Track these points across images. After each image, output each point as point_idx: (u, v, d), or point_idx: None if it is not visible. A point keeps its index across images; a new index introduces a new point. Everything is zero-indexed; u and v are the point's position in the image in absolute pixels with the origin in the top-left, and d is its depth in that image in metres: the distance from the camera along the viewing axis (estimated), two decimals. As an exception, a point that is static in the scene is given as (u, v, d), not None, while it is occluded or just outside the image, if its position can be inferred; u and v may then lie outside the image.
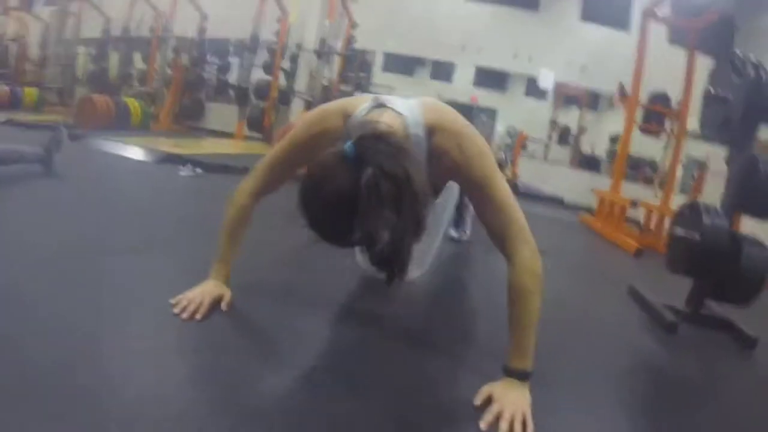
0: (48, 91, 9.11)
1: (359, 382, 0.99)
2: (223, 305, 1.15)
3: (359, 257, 1.60)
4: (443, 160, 1.01)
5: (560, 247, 3.44)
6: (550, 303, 1.01)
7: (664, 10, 4.82)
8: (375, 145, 0.83)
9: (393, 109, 1.02)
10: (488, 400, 0.94)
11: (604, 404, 1.10)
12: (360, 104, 1.07)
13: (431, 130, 1.01)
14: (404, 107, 1.03)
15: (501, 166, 3.90)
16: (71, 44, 9.60)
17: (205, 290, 1.15)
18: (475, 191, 1.02)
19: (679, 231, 1.91)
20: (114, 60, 8.56)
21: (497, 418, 0.90)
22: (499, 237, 1.01)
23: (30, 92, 8.53)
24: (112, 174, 3.09)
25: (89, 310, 1.06)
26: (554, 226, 4.55)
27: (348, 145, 0.84)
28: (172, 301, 1.11)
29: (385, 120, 0.99)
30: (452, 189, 1.47)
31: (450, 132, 1.00)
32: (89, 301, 1.10)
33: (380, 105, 1.05)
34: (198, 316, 1.08)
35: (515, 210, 1.01)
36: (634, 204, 4.03)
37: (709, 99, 1.96)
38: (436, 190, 1.24)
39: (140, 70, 8.30)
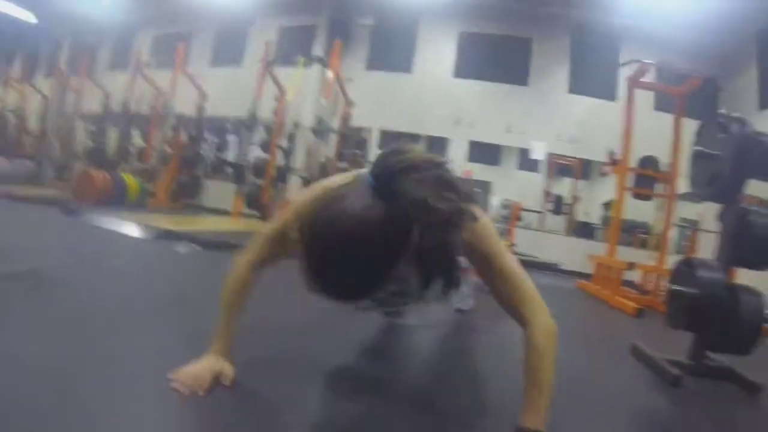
0: (45, 165, 9.19)
1: None
2: (226, 381, 1.13)
3: None
4: None
5: (561, 312, 3.40)
6: (557, 370, 1.03)
7: (649, 78, 5.04)
8: (396, 172, 0.79)
9: None
10: None
11: None
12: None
13: None
14: None
15: None
16: (70, 118, 9.76)
17: (206, 365, 1.13)
18: (485, 266, 1.05)
19: (677, 287, 1.94)
20: (112, 136, 8.68)
21: None
22: (512, 305, 1.04)
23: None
24: (109, 250, 3.08)
25: (89, 385, 1.05)
26: (553, 293, 4.54)
27: (368, 177, 0.81)
28: (171, 376, 1.09)
29: None
30: None
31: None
32: (89, 375, 1.10)
33: None
34: (201, 393, 1.06)
35: (524, 279, 1.05)
36: (630, 266, 4.06)
37: (697, 157, 2.02)
38: None
39: (138, 146, 8.39)
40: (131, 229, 3.84)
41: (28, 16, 10.84)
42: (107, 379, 1.11)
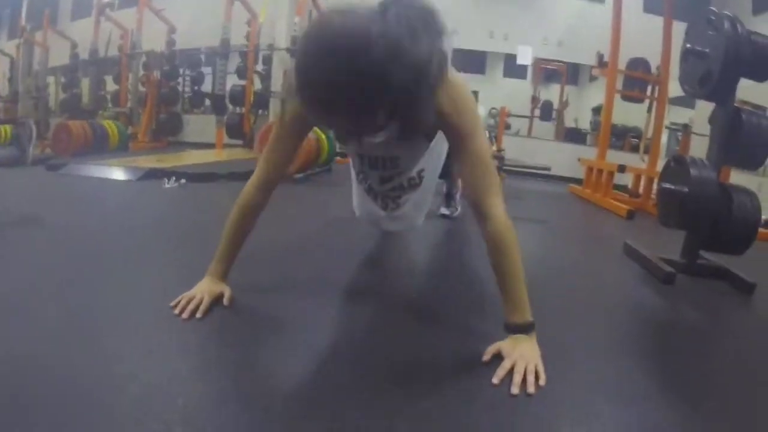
0: (22, 126, 8.96)
1: (367, 361, 0.96)
2: (225, 300, 1.13)
3: (356, 203, 1.62)
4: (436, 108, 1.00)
5: (554, 216, 3.52)
6: (551, 268, 1.12)
7: None
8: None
9: None
10: (498, 357, 0.94)
11: (611, 353, 1.11)
12: None
13: None
14: None
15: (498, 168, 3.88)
16: (41, 75, 9.42)
17: (204, 288, 1.13)
18: (458, 144, 1.03)
19: (668, 185, 1.91)
20: (85, 85, 8.40)
21: (509, 373, 0.89)
22: (477, 189, 1.01)
23: (4, 129, 8.38)
24: (95, 196, 3.02)
25: (88, 315, 1.06)
26: (545, 199, 4.62)
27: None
28: (172, 303, 1.09)
29: None
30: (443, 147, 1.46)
31: (449, 83, 0.97)
32: (88, 307, 1.10)
33: None
34: (198, 315, 1.06)
35: (492, 167, 1.04)
36: (621, 169, 4.04)
37: (687, 54, 1.95)
38: (429, 136, 1.27)
39: (113, 91, 8.13)
40: (116, 172, 3.73)
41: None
42: (107, 309, 1.11)
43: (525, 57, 7.37)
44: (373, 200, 1.52)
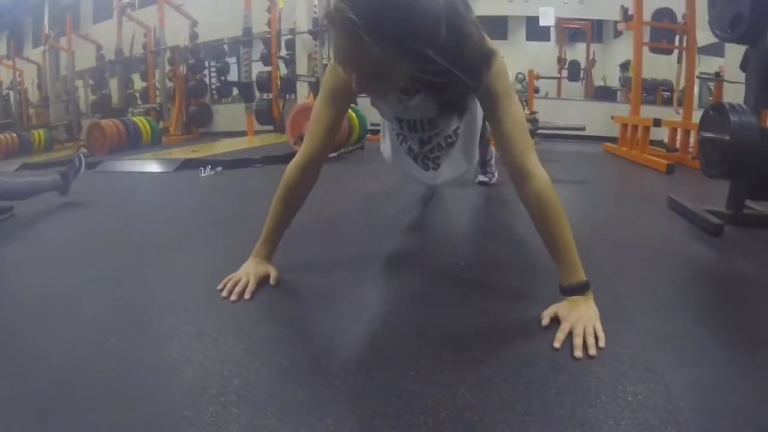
0: (55, 129, 9.24)
1: (421, 332, 0.95)
2: (272, 280, 1.14)
3: (389, 156, 1.64)
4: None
5: (592, 176, 3.45)
6: (596, 226, 1.09)
7: None
8: None
9: None
10: (555, 321, 0.93)
11: (668, 309, 1.07)
12: None
13: None
14: None
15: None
16: (69, 79, 9.67)
17: (250, 270, 1.14)
18: (494, 106, 1.00)
19: (708, 134, 1.86)
20: (114, 85, 8.60)
21: (569, 336, 0.88)
22: (516, 150, 1.00)
23: (38, 134, 8.68)
24: (134, 188, 3.13)
25: (140, 302, 1.11)
26: (581, 159, 4.55)
27: None
28: (219, 287, 1.11)
29: None
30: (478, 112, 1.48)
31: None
32: (139, 293, 1.16)
33: None
34: (246, 296, 1.07)
35: (527, 129, 1.04)
36: (656, 123, 3.92)
37: None
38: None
39: (141, 88, 8.32)
40: (152, 165, 3.85)
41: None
42: (158, 295, 1.16)
43: (547, 18, 7.20)
44: (414, 161, 1.53)
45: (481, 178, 2.54)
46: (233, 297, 1.07)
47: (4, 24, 13.00)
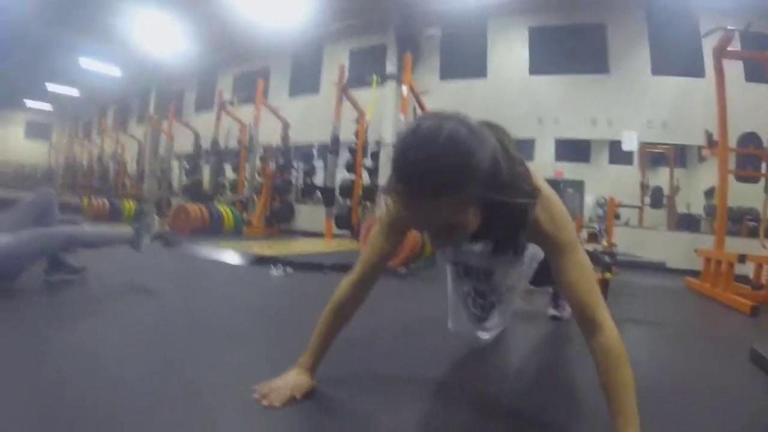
0: (146, 203, 10.01)
1: None
2: (298, 394, 1.16)
3: (454, 313, 1.60)
4: (534, 225, 1.02)
5: (669, 316, 3.26)
6: (667, 379, 1.00)
7: (735, 47, 4.63)
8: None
9: None
10: None
11: None
12: None
13: None
14: None
15: (596, 237, 3.72)
16: (165, 159, 10.58)
17: (288, 380, 1.19)
18: (559, 257, 1.02)
19: None
20: (206, 172, 9.29)
21: None
22: (584, 302, 0.99)
23: (128, 205, 9.42)
24: (205, 276, 3.28)
25: (184, 395, 1.18)
26: (659, 294, 4.32)
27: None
28: (255, 387, 1.17)
29: None
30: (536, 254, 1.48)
31: (543, 197, 1.02)
32: (185, 386, 1.23)
33: None
34: (276, 404, 1.11)
35: (594, 278, 1.03)
36: (741, 259, 3.68)
37: None
38: (520, 250, 1.25)
39: (231, 179, 8.93)
40: (227, 255, 4.05)
41: (113, 71, 11.93)
42: (200, 386, 1.25)
43: (630, 143, 7.19)
44: (465, 309, 1.53)
45: (552, 312, 2.44)
46: (264, 402, 1.12)
47: (113, 99, 14.63)
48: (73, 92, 14.52)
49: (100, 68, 11.65)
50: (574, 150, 7.81)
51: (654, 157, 7.66)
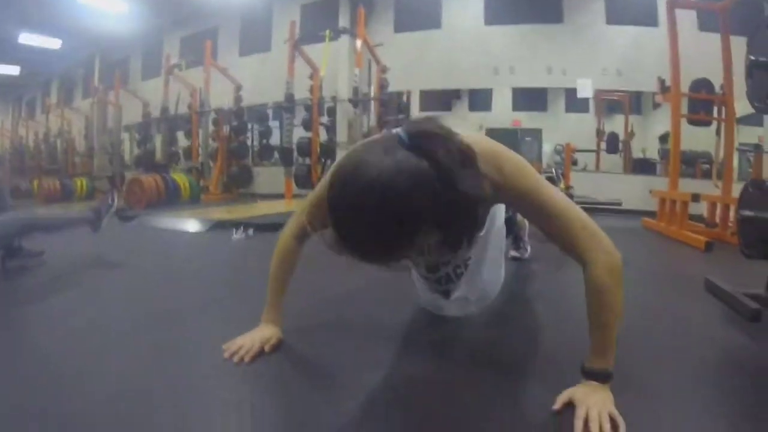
0: (98, 180, 9.55)
1: (427, 411, 0.95)
2: (266, 347, 1.20)
3: (419, 286, 1.55)
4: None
5: (628, 253, 3.29)
6: (629, 308, 0.97)
7: None
8: (431, 137, 0.77)
9: None
10: (569, 405, 0.91)
11: (696, 401, 1.03)
12: None
13: None
14: None
15: (554, 182, 3.78)
16: (115, 132, 10.09)
17: (255, 335, 1.22)
18: (525, 206, 0.98)
19: (747, 212, 1.79)
20: (158, 141, 8.91)
21: (585, 422, 0.86)
22: (566, 242, 0.95)
23: (81, 183, 8.98)
24: (165, 246, 3.22)
25: (155, 362, 1.19)
26: (618, 235, 4.31)
27: (401, 133, 0.76)
28: (225, 345, 1.20)
29: None
30: (496, 215, 1.40)
31: (485, 155, 0.93)
32: (153, 350, 1.26)
33: None
34: (246, 359, 1.15)
35: (573, 211, 0.96)
36: (695, 198, 3.83)
37: (753, 68, 1.83)
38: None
39: (185, 146, 8.59)
40: (186, 224, 3.95)
41: (53, 43, 11.20)
42: (168, 349, 1.28)
43: (585, 90, 7.25)
44: (428, 287, 1.46)
45: (513, 253, 2.50)
46: (235, 359, 1.15)
47: (55, 73, 13.80)
48: (13, 70, 13.60)
49: (40, 42, 10.90)
50: (530, 99, 7.85)
51: (609, 104, 7.76)
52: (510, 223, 1.91)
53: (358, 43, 6.73)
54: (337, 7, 8.24)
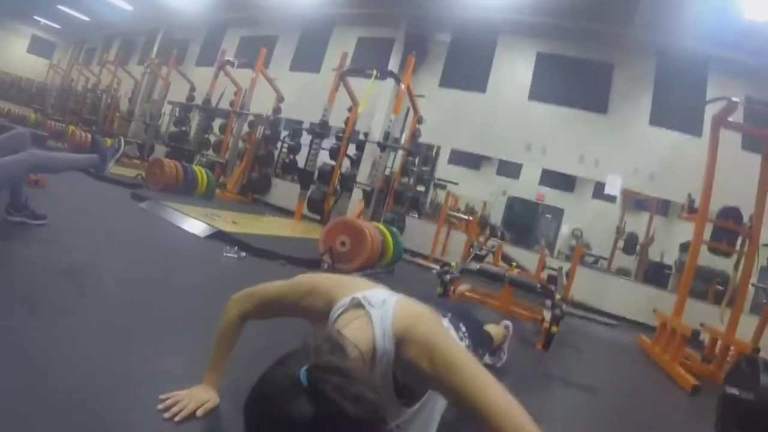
0: (129, 144, 9.84)
1: None
2: (199, 412, 1.19)
3: None
4: (415, 372, 0.97)
5: (608, 381, 3.24)
6: None
7: (736, 117, 4.58)
8: (329, 378, 0.75)
9: (367, 314, 1.03)
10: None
11: None
12: (347, 293, 1.10)
13: (399, 342, 0.99)
14: (377, 315, 1.02)
15: (551, 292, 3.58)
16: (157, 105, 10.41)
17: (193, 394, 1.22)
18: (456, 400, 0.94)
19: (732, 390, 1.73)
20: (194, 125, 9.15)
21: None
22: None
23: (110, 143, 9.23)
24: (160, 242, 3.32)
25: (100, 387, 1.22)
26: (607, 352, 4.34)
27: (302, 373, 0.76)
28: (162, 397, 1.20)
29: (352, 332, 0.96)
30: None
31: (419, 344, 0.96)
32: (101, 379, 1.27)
33: (358, 305, 1.06)
34: (177, 419, 1.15)
35: (509, 416, 0.87)
36: (695, 334, 3.65)
37: None
38: (417, 393, 1.15)
39: (217, 139, 8.80)
40: (188, 223, 4.01)
41: (125, 4, 11.66)
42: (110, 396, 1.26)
43: (614, 187, 7.19)
44: None
45: (486, 360, 2.36)
46: (166, 415, 1.15)
47: (119, 33, 14.34)
48: (82, 17, 14.22)
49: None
50: (559, 177, 7.78)
51: (637, 200, 7.65)
52: (485, 339, 1.92)
53: (402, 87, 6.85)
54: (391, 47, 8.42)
